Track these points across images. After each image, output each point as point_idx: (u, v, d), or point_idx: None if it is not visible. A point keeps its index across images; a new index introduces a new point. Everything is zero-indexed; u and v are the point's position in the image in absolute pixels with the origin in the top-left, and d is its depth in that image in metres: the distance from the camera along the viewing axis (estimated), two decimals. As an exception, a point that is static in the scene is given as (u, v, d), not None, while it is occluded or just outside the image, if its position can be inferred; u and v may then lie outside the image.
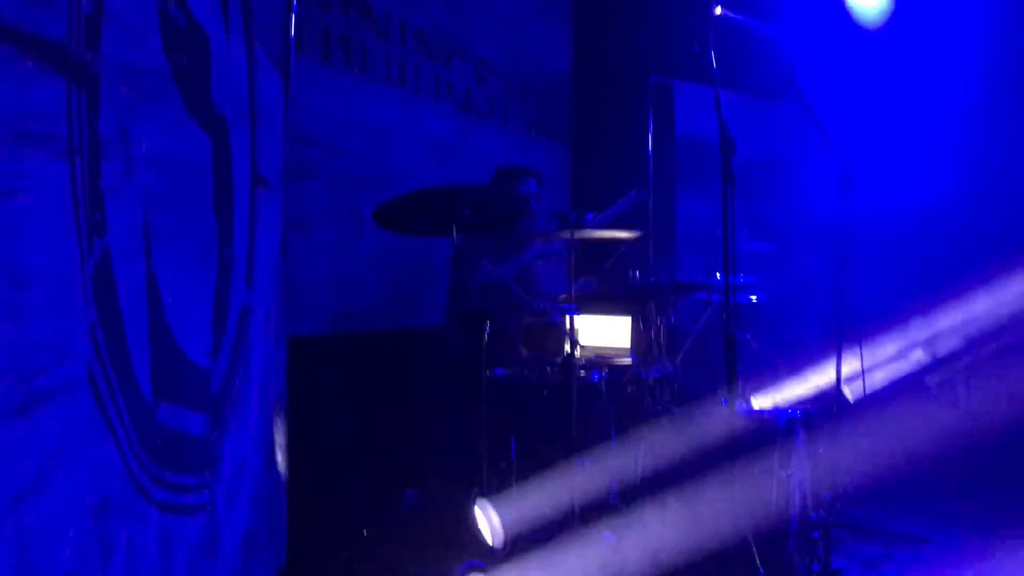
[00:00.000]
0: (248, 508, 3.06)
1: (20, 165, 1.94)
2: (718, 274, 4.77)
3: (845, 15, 6.76)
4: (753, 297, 4.97)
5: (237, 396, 2.98)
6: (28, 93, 1.97)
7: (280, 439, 3.43)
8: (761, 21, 5.83)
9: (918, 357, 6.06)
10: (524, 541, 3.67)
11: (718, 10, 3.83)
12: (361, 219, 4.73)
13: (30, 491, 1.95)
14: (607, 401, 4.02)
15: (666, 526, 3.84)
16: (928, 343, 6.15)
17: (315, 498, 3.90)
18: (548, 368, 4.07)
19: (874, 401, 6.09)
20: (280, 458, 3.42)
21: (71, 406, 2.07)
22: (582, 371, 4.00)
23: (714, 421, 4.10)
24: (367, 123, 5.01)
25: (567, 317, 3.93)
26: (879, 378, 6.27)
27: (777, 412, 4.16)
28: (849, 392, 6.05)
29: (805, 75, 6.51)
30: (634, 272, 4.59)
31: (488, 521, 3.61)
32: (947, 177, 6.04)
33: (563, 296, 4.16)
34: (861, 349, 4.87)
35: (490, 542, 3.59)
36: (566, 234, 4.02)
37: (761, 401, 4.59)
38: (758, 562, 3.60)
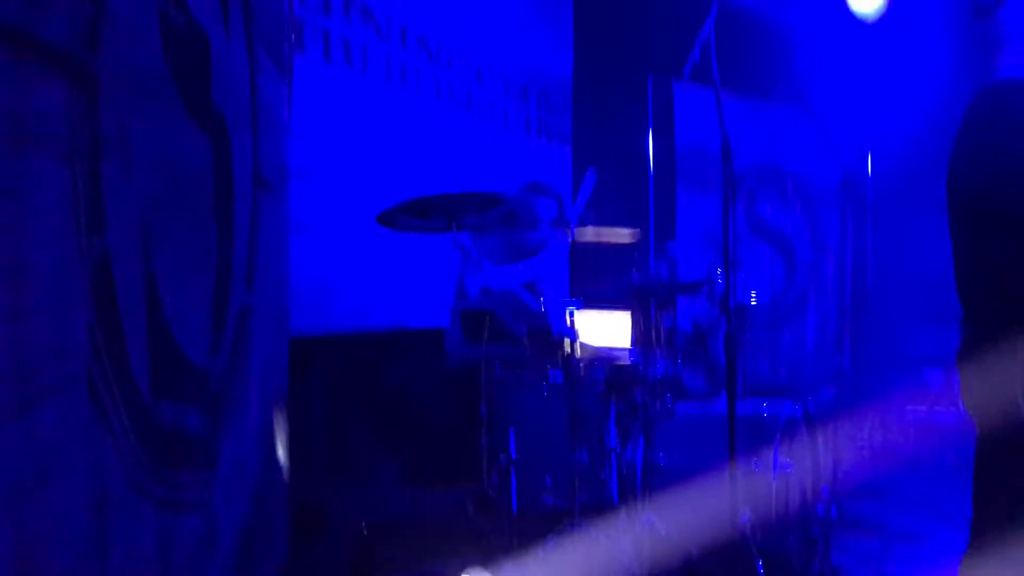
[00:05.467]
0: (247, 506, 3.07)
1: (20, 165, 1.95)
2: (720, 272, 4.76)
3: (846, 9, 6.76)
4: (753, 298, 4.96)
5: (236, 395, 2.99)
6: (28, 94, 1.97)
7: (281, 438, 3.43)
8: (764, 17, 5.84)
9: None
10: (524, 541, 3.67)
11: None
12: (362, 220, 4.74)
13: (29, 489, 1.96)
14: (607, 399, 4.02)
15: (665, 523, 3.85)
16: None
17: (315, 497, 3.91)
18: (548, 366, 4.07)
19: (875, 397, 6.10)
20: (281, 457, 3.43)
21: (69, 405, 2.08)
22: (582, 369, 4.00)
23: (714, 419, 4.10)
24: (368, 124, 5.02)
25: (567, 315, 3.93)
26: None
27: (777, 409, 4.16)
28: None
29: (806, 74, 6.53)
30: (634, 270, 4.59)
31: None
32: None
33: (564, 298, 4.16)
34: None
35: None
36: (565, 233, 4.02)
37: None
38: (758, 560, 3.60)
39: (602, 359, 4.15)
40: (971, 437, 2.73)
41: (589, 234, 4.30)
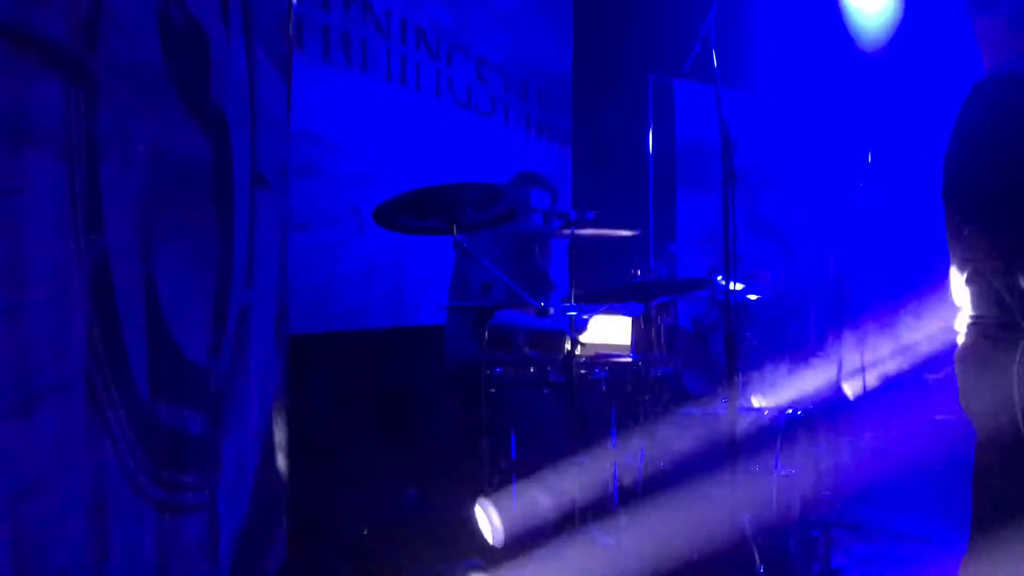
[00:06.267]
0: (248, 508, 3.06)
1: (18, 164, 1.93)
2: (719, 271, 4.75)
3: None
4: (752, 295, 4.96)
5: (237, 395, 2.98)
6: (26, 92, 1.96)
7: (280, 438, 3.42)
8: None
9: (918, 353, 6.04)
10: (524, 542, 3.66)
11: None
12: (361, 217, 4.73)
13: (27, 491, 1.95)
14: (608, 399, 4.01)
15: (666, 526, 3.84)
16: (929, 339, 6.14)
17: (315, 498, 3.89)
18: (549, 366, 4.06)
19: (874, 399, 6.08)
20: (280, 458, 3.42)
21: (68, 406, 2.06)
22: (583, 369, 3.99)
23: (714, 420, 4.09)
24: (368, 121, 5.00)
25: (568, 315, 3.92)
26: (879, 375, 6.27)
27: (777, 411, 4.15)
28: (849, 390, 6.05)
29: (806, 72, 6.52)
30: (635, 269, 4.58)
31: (489, 520, 3.60)
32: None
33: (564, 297, 4.15)
34: (862, 346, 4.87)
35: (490, 540, 3.59)
36: (566, 232, 4.01)
37: (762, 399, 4.58)
38: (758, 562, 3.59)
39: (603, 359, 4.14)
40: (971, 438, 2.72)
41: (589, 231, 4.28)
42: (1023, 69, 2.64)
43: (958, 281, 2.69)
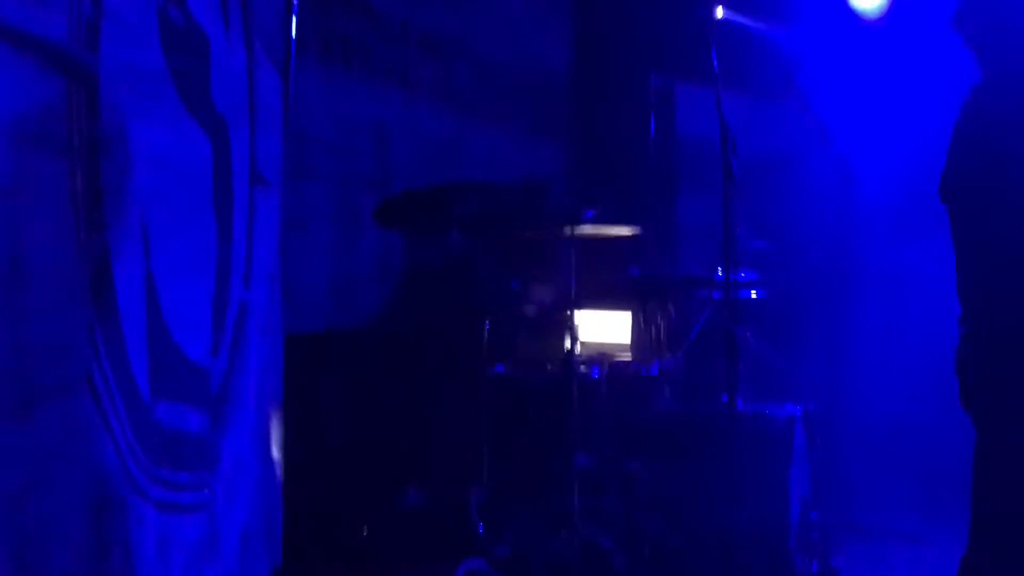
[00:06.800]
0: (247, 507, 3.07)
1: (20, 164, 1.94)
2: (719, 270, 4.76)
3: (845, 8, 6.75)
4: (753, 293, 4.96)
5: (236, 394, 2.99)
6: (28, 93, 1.97)
7: (277, 438, 3.43)
8: (762, 20, 5.84)
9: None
10: (523, 544, 3.68)
11: (720, 13, 3.81)
12: (361, 217, 4.72)
13: (29, 491, 1.95)
14: (607, 399, 4.02)
15: (665, 527, 3.85)
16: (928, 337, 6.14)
17: (313, 497, 3.90)
18: (548, 365, 4.06)
19: (873, 397, 6.09)
20: (276, 457, 3.42)
21: (69, 406, 2.07)
22: (582, 368, 3.99)
23: (713, 419, 4.10)
24: (368, 122, 5.00)
25: (567, 313, 3.92)
26: (878, 373, 6.28)
27: (777, 410, 4.15)
28: (848, 388, 6.06)
29: (806, 73, 6.52)
30: (634, 268, 4.59)
31: None
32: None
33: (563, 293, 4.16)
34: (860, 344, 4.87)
35: None
36: (565, 232, 4.01)
37: (760, 399, 4.59)
38: (757, 562, 3.60)
39: (602, 358, 4.14)
40: (971, 438, 2.72)
41: (588, 231, 4.30)
42: (1018, 70, 2.66)
43: (960, 277, 2.70)
